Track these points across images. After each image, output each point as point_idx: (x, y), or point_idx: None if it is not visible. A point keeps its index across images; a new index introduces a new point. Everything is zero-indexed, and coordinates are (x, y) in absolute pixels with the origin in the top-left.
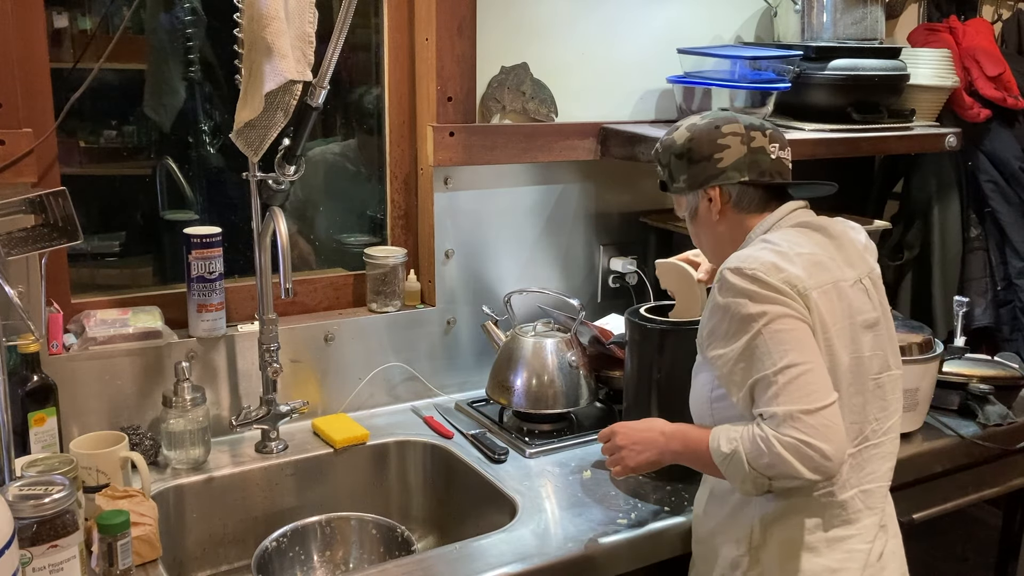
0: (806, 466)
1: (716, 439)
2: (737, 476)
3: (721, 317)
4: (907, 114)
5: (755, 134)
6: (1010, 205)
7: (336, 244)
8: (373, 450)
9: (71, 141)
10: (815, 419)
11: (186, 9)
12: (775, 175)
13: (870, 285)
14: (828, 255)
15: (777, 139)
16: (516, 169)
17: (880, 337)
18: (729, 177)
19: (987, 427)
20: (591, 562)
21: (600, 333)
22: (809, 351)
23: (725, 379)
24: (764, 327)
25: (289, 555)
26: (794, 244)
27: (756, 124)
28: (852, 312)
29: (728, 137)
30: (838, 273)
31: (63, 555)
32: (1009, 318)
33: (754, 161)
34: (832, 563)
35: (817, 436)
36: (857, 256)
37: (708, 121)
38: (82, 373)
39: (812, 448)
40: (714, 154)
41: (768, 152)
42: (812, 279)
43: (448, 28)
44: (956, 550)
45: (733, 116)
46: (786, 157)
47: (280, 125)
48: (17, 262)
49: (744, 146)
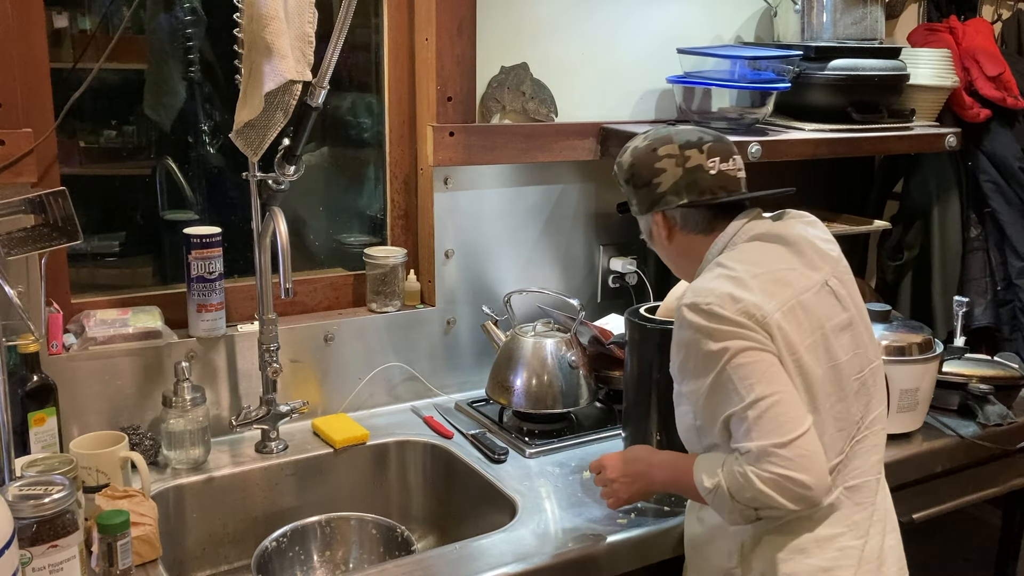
0: (787, 498)
1: (699, 472)
2: (724, 509)
3: (686, 354)
4: (907, 114)
5: (690, 152)
6: (1010, 205)
7: (336, 244)
8: (373, 450)
9: (71, 141)
10: (790, 451)
11: (186, 9)
12: (717, 191)
13: (837, 284)
14: (788, 266)
15: (718, 151)
16: (516, 169)
17: (857, 334)
18: (668, 202)
19: (987, 427)
20: (591, 562)
21: (600, 333)
22: (776, 381)
23: (700, 413)
24: (727, 363)
25: (289, 555)
26: (751, 264)
27: (693, 140)
28: (822, 321)
29: (664, 160)
30: (801, 283)
31: (63, 555)
32: (1009, 318)
33: (692, 182)
34: (823, 563)
35: (795, 468)
36: (818, 256)
37: (647, 143)
38: (82, 373)
39: (791, 481)
40: (652, 179)
41: (706, 169)
42: (773, 301)
43: (448, 28)
44: (956, 550)
45: (670, 135)
46: (731, 168)
47: (280, 125)
48: (17, 262)
49: (679, 168)
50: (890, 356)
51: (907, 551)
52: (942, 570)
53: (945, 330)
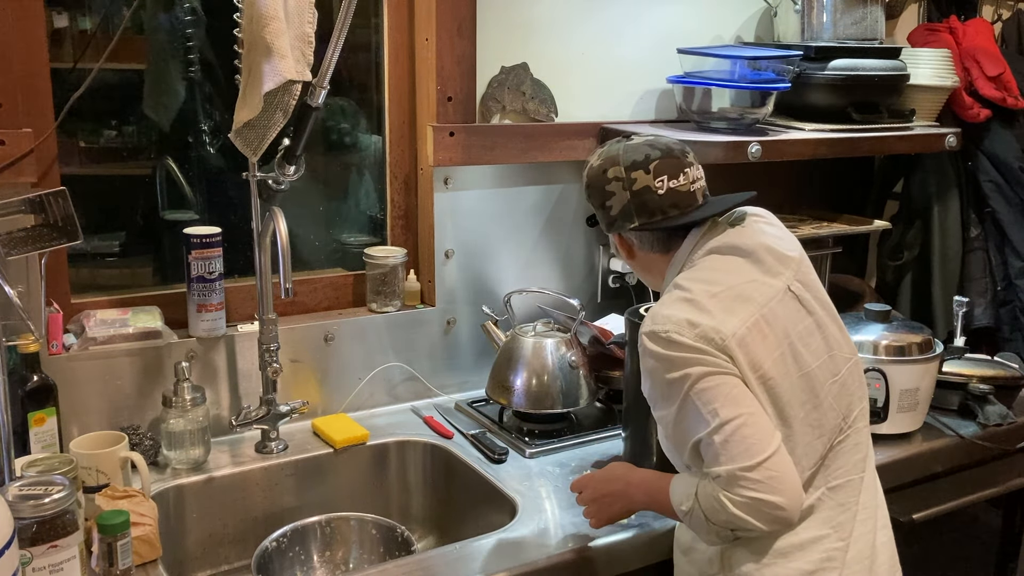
0: (761, 521)
1: (675, 495)
2: (701, 530)
3: (651, 383)
4: (907, 114)
5: (636, 174)
6: (1010, 205)
7: (336, 244)
8: (373, 450)
9: (71, 141)
10: (759, 473)
11: (186, 9)
12: (669, 210)
13: (800, 288)
14: (748, 278)
15: (664, 169)
16: (516, 169)
17: (828, 336)
18: (621, 226)
19: (987, 427)
20: (591, 562)
21: (600, 333)
22: (740, 403)
23: (671, 438)
24: (690, 390)
25: (289, 555)
26: (709, 284)
27: (639, 160)
28: (788, 330)
29: (612, 183)
30: (763, 295)
31: (63, 555)
32: (1009, 318)
33: (641, 204)
34: (807, 566)
35: (765, 490)
36: (778, 261)
37: (599, 163)
38: (82, 373)
39: (764, 504)
40: (605, 202)
41: (654, 190)
42: (734, 319)
43: (448, 28)
44: (956, 550)
45: (617, 155)
46: (681, 184)
47: (279, 125)
48: (17, 262)
49: (626, 191)
50: (890, 356)
51: (907, 551)
52: (942, 570)
53: (945, 330)
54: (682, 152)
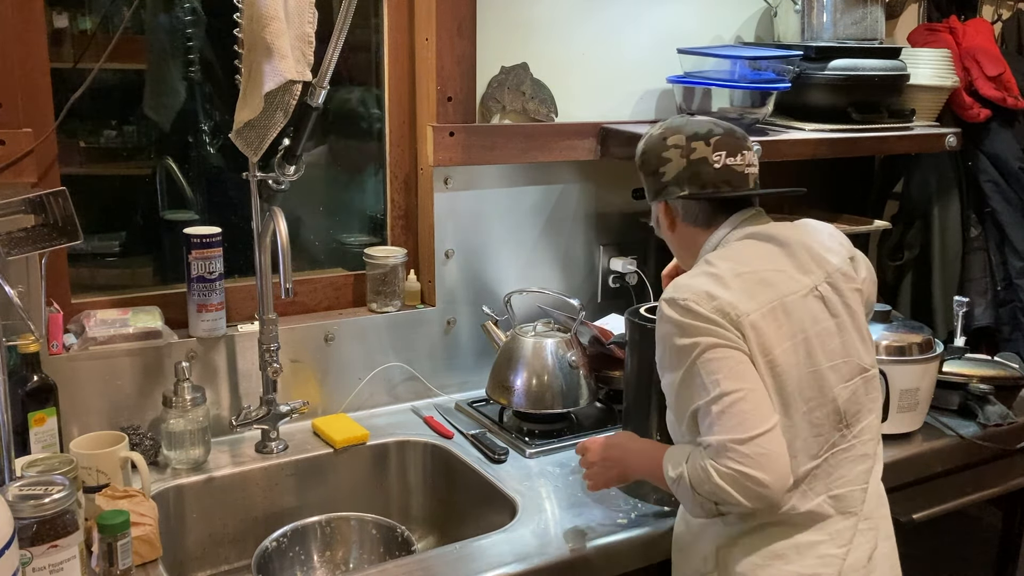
0: (745, 496)
1: (666, 462)
2: (686, 500)
3: (661, 348)
4: (907, 114)
5: (696, 144)
6: (1010, 205)
7: (336, 244)
8: (373, 450)
9: (71, 141)
10: (750, 448)
11: (186, 9)
12: (720, 185)
13: (828, 291)
14: (776, 267)
15: (725, 145)
16: (516, 169)
17: (848, 342)
18: (671, 192)
19: (987, 427)
20: (591, 562)
21: (600, 333)
22: (743, 378)
23: (671, 407)
24: (697, 358)
25: (289, 555)
26: (736, 263)
27: (701, 132)
28: (805, 325)
29: (670, 150)
30: (786, 287)
31: (63, 555)
32: (1009, 318)
33: (694, 173)
34: (803, 569)
35: (752, 465)
36: (812, 261)
37: (659, 132)
38: (82, 373)
39: (748, 478)
40: (659, 168)
41: (711, 162)
42: (751, 302)
43: (448, 28)
44: (956, 550)
45: (680, 125)
46: (737, 163)
47: (280, 125)
48: (17, 262)
49: (684, 159)
50: (890, 356)
51: (907, 551)
52: (942, 570)
53: (945, 330)
54: (743, 136)
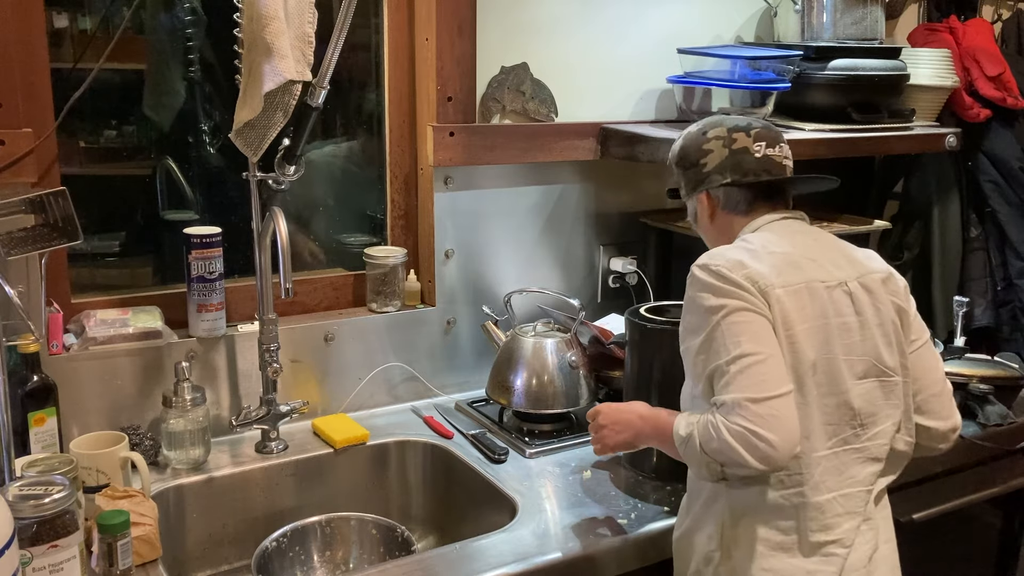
0: (752, 455)
1: (678, 423)
2: (693, 460)
3: (688, 311)
4: (907, 114)
5: (737, 135)
6: (1010, 205)
7: (336, 244)
8: (373, 450)
9: (71, 141)
10: (762, 408)
11: (186, 9)
12: (761, 173)
13: (858, 288)
14: (808, 256)
15: (765, 137)
16: (516, 169)
17: (870, 344)
18: (713, 180)
19: (987, 427)
20: (591, 562)
21: (600, 333)
22: (764, 343)
23: (690, 371)
24: (722, 319)
25: (289, 555)
26: (770, 243)
27: (741, 125)
28: (827, 313)
29: (711, 142)
30: (815, 274)
31: (63, 555)
32: (1009, 318)
33: (736, 162)
34: (806, 564)
35: (763, 425)
36: (847, 260)
37: (699, 127)
38: (82, 373)
39: (758, 437)
40: (700, 160)
41: (752, 151)
42: (779, 277)
43: (448, 28)
44: (956, 550)
45: (721, 120)
46: (776, 154)
47: (279, 125)
48: (17, 262)
49: (725, 148)
50: None
51: (907, 551)
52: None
53: (945, 330)
54: (779, 132)
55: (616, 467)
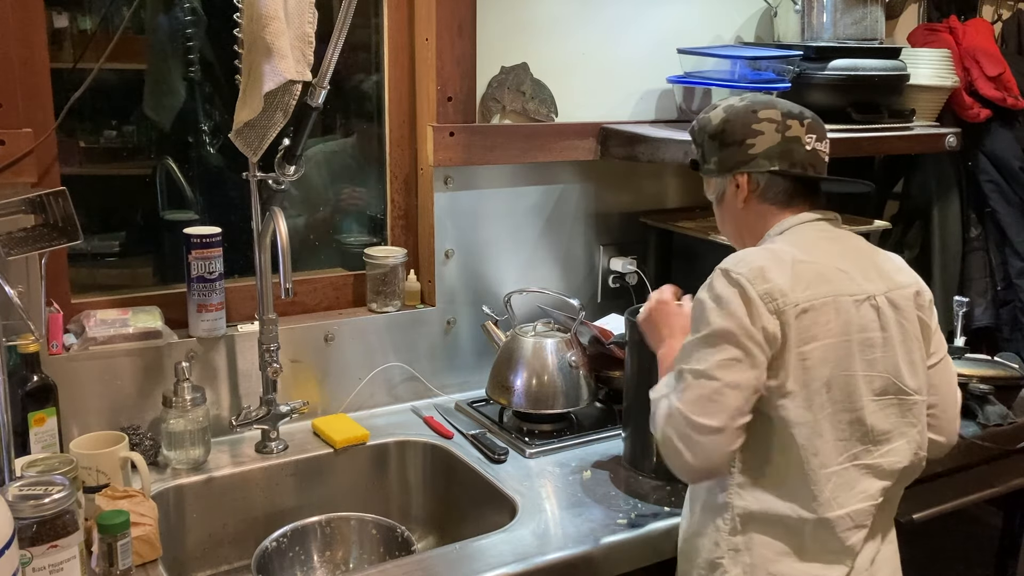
0: (669, 458)
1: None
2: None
3: (697, 310)
4: (907, 114)
5: (791, 122)
6: (1010, 205)
7: (336, 244)
8: (373, 450)
9: (71, 141)
10: (692, 430)
11: (186, 9)
12: (807, 167)
13: (885, 304)
14: (839, 266)
15: (815, 130)
16: (516, 169)
17: (891, 361)
18: (759, 165)
19: (987, 427)
20: (591, 562)
21: (600, 333)
22: (734, 375)
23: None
24: (712, 335)
25: (289, 555)
26: (800, 251)
27: (795, 112)
28: (850, 329)
29: (763, 123)
30: (844, 287)
31: (63, 555)
32: (1009, 318)
33: (787, 150)
34: (815, 570)
35: (688, 445)
36: (877, 272)
37: (746, 104)
38: (82, 373)
39: (677, 452)
40: (747, 139)
41: (803, 142)
42: (806, 291)
43: (448, 28)
44: (956, 550)
45: (772, 102)
46: (822, 150)
47: (279, 125)
48: (17, 262)
49: (779, 134)
50: None
51: (907, 551)
52: (942, 570)
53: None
54: (824, 127)
55: (616, 467)
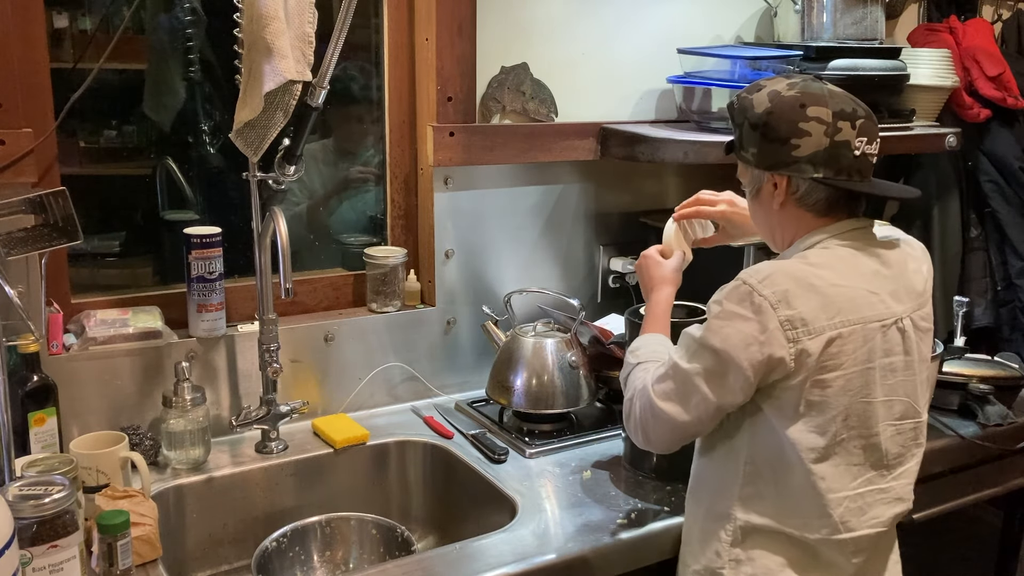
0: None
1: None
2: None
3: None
4: (907, 114)
5: (842, 124)
6: (1010, 205)
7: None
8: (373, 450)
9: (71, 141)
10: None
11: (186, 9)
12: (853, 174)
13: (910, 326)
14: (871, 287)
15: (867, 131)
16: (516, 169)
17: (910, 384)
18: (802, 170)
19: (987, 427)
20: (591, 562)
21: (600, 333)
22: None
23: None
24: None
25: (289, 555)
26: (835, 272)
27: (847, 111)
28: (874, 356)
29: (812, 123)
30: (872, 311)
31: (63, 555)
32: (1009, 318)
33: (833, 155)
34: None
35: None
36: (906, 291)
37: (794, 95)
38: (82, 373)
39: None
40: (791, 138)
41: (852, 147)
42: (834, 318)
43: (448, 28)
44: (956, 550)
45: (823, 95)
46: (872, 153)
47: (280, 125)
48: (17, 262)
49: (827, 138)
50: None
51: (907, 551)
52: (942, 570)
53: (945, 330)
54: (877, 124)
55: (616, 467)
